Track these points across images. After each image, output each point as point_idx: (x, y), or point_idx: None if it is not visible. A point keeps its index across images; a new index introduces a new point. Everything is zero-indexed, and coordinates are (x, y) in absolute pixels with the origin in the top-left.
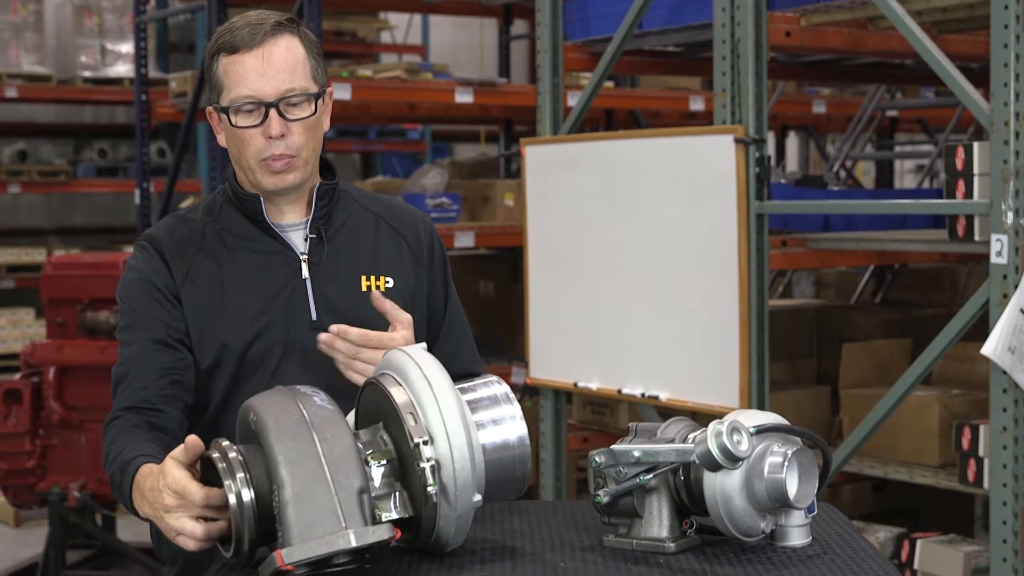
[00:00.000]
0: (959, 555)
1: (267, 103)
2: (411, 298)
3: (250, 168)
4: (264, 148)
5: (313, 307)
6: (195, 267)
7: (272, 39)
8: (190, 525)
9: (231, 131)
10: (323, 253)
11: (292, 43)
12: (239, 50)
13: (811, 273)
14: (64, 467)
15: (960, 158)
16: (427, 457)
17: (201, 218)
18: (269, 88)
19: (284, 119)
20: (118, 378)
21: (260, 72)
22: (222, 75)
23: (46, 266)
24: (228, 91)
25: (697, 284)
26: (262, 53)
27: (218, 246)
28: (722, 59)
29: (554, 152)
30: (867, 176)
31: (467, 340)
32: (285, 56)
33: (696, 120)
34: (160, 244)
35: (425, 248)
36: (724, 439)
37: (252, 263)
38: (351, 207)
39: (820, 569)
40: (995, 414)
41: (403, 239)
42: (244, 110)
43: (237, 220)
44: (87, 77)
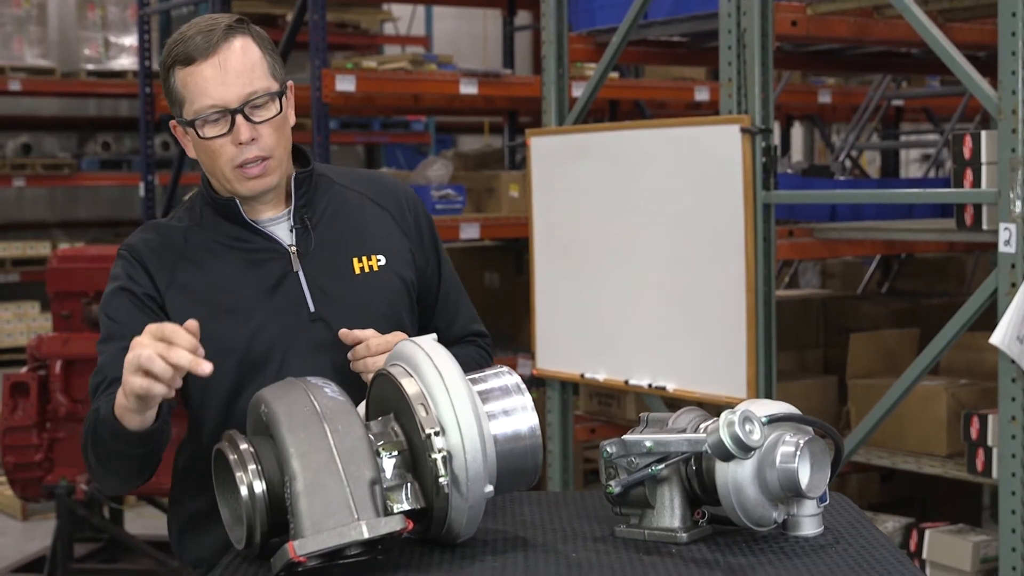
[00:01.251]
0: (968, 545)
1: (232, 110)
2: (404, 271)
3: (225, 177)
4: (236, 155)
5: (310, 299)
6: (180, 273)
7: (225, 44)
8: (148, 352)
9: (200, 143)
10: (310, 242)
11: (246, 44)
12: (194, 60)
13: (818, 263)
14: (71, 460)
15: (968, 147)
16: (439, 448)
17: (182, 223)
18: (231, 95)
19: (251, 123)
20: (93, 388)
21: (219, 80)
22: (181, 88)
23: (51, 259)
24: (191, 103)
25: (704, 274)
26: (218, 60)
27: (202, 250)
28: (727, 49)
29: (559, 143)
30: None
31: (464, 302)
32: (242, 59)
33: (701, 110)
34: (140, 254)
35: (411, 218)
36: (736, 429)
37: (240, 263)
38: (332, 190)
39: (832, 558)
40: (1003, 403)
41: (388, 213)
42: (210, 120)
43: (218, 222)
44: (91, 70)
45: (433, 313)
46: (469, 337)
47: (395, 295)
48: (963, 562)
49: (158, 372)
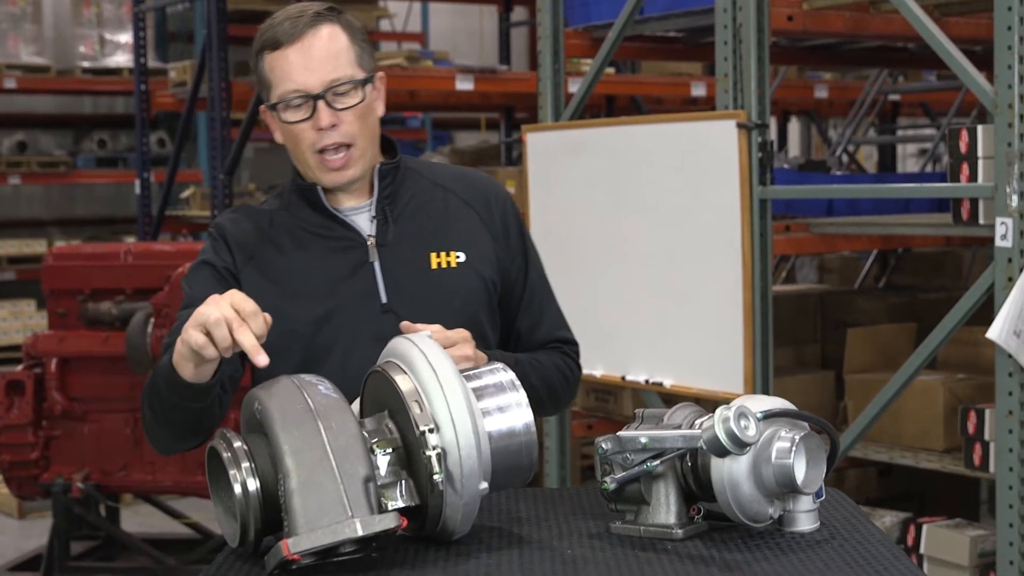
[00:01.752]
0: (965, 539)
1: (314, 95)
2: (485, 270)
3: (308, 164)
4: (317, 140)
5: (383, 290)
6: (259, 253)
7: (312, 30)
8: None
9: (284, 128)
10: (389, 233)
11: (334, 32)
12: (281, 45)
13: (815, 258)
14: (67, 458)
15: (964, 141)
16: (433, 445)
17: (270, 207)
18: (314, 80)
19: (333, 109)
20: (164, 348)
21: (303, 65)
22: (268, 72)
23: (47, 257)
24: (276, 87)
25: (700, 270)
26: (303, 45)
27: (284, 234)
28: (724, 44)
29: (556, 139)
30: (869, 161)
31: (551, 307)
32: (327, 46)
33: (698, 106)
34: (225, 231)
35: (497, 218)
36: (732, 425)
37: (318, 249)
38: (419, 183)
39: (828, 554)
40: (1000, 398)
41: (475, 211)
42: (292, 105)
43: (302, 208)
44: (86, 67)
45: (516, 315)
46: (554, 343)
47: (471, 293)
48: (961, 556)
49: (217, 338)
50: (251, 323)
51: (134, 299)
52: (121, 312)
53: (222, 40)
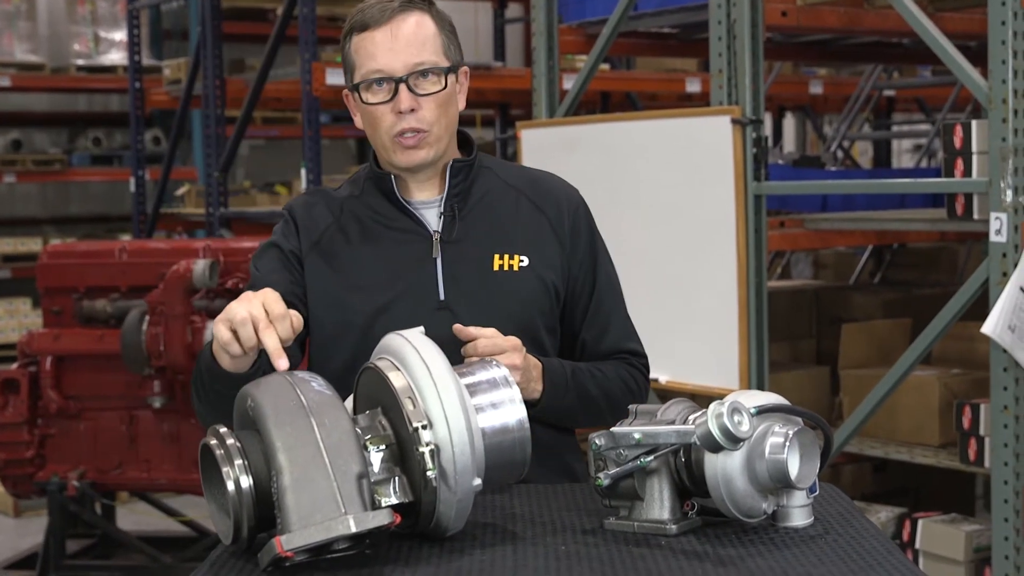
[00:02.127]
0: (961, 534)
1: (396, 78)
2: (548, 276)
3: (384, 146)
4: (395, 123)
5: (442, 286)
6: (326, 239)
7: (401, 15)
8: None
9: (363, 109)
10: (455, 231)
11: (422, 19)
12: (369, 27)
13: (810, 254)
14: (63, 456)
15: (958, 136)
16: (426, 441)
17: (343, 192)
18: (398, 63)
19: (414, 94)
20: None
21: (389, 47)
22: (353, 54)
23: (42, 255)
24: (359, 68)
25: (695, 266)
26: (391, 28)
27: (353, 221)
28: (718, 40)
29: (550, 135)
30: (864, 156)
31: (620, 317)
32: (415, 31)
33: (693, 102)
34: (295, 213)
35: (567, 225)
36: (725, 420)
37: (384, 240)
38: (492, 183)
39: (823, 549)
40: (995, 393)
41: (545, 216)
42: (374, 86)
43: (375, 196)
44: (81, 65)
45: (582, 324)
46: (621, 355)
47: (531, 298)
48: (956, 551)
49: (243, 337)
50: (278, 325)
51: (129, 297)
52: (116, 310)
53: (216, 37)
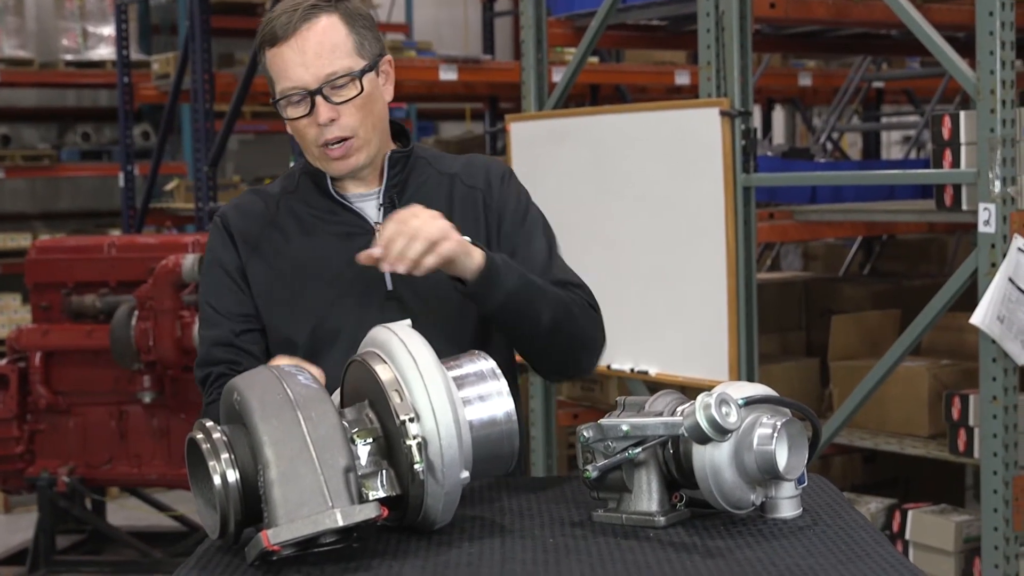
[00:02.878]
0: (950, 525)
1: (311, 91)
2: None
3: (314, 156)
4: (319, 135)
5: (388, 277)
6: (264, 240)
7: (305, 24)
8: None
9: (288, 123)
10: None
11: (330, 22)
12: (278, 41)
13: (799, 246)
14: (53, 452)
15: (947, 127)
16: (413, 434)
17: (277, 189)
18: (309, 76)
19: (331, 103)
20: (201, 380)
21: (298, 61)
22: (269, 69)
23: (30, 251)
24: (276, 84)
25: (685, 258)
26: (298, 40)
27: (291, 218)
28: (706, 32)
29: (539, 128)
30: (854, 148)
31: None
32: (321, 40)
33: (682, 94)
34: (228, 221)
35: (496, 192)
36: (712, 411)
37: (325, 235)
38: (427, 173)
39: (811, 540)
40: (985, 383)
41: (478, 191)
42: (292, 101)
43: (311, 192)
44: (69, 60)
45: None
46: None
47: None
48: (946, 542)
49: None
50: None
51: (118, 292)
52: (105, 305)
53: (205, 32)
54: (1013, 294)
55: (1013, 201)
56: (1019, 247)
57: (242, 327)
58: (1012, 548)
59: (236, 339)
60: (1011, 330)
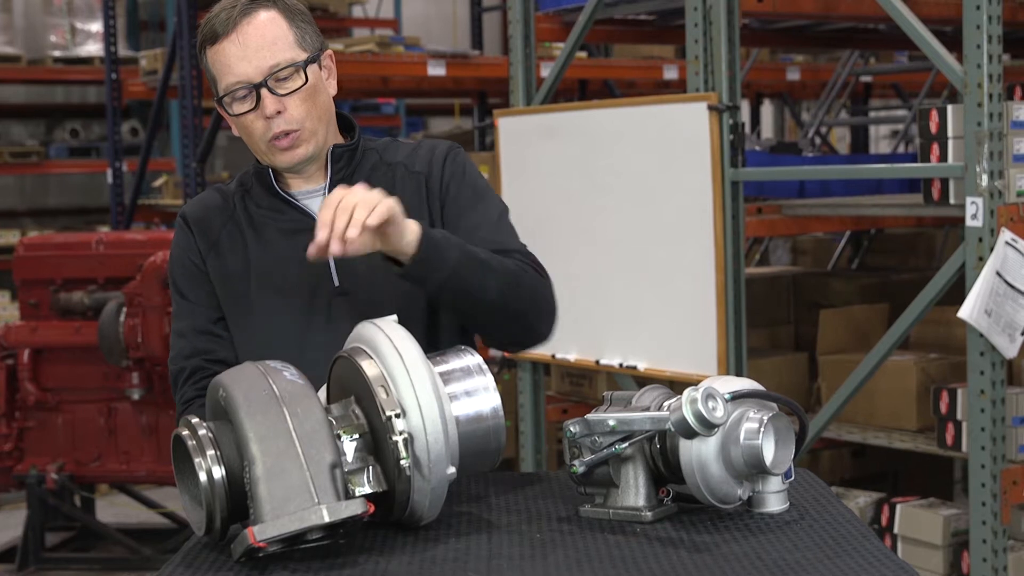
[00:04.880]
0: (939, 518)
1: (255, 84)
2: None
3: (261, 152)
4: (266, 129)
5: (334, 272)
6: (222, 238)
7: (245, 19)
8: None
9: (234, 120)
10: None
11: (270, 16)
12: (219, 38)
13: (788, 240)
14: (41, 449)
15: (934, 121)
16: (399, 430)
17: (233, 189)
18: (252, 69)
19: (276, 95)
20: (174, 376)
21: (240, 55)
22: (211, 67)
23: (18, 247)
24: (220, 81)
25: (673, 253)
26: (238, 35)
27: (244, 217)
28: (694, 26)
29: (527, 123)
30: (842, 142)
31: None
32: (262, 32)
33: (671, 89)
34: (188, 218)
35: (438, 172)
36: (699, 406)
37: (273, 233)
38: (373, 164)
39: (798, 535)
40: (972, 377)
41: (423, 178)
42: (237, 97)
43: (259, 191)
44: (57, 57)
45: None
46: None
47: None
48: (935, 536)
49: None
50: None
51: (106, 288)
52: (93, 302)
53: (193, 28)
54: (1000, 288)
55: (1000, 195)
56: (1006, 241)
57: (217, 315)
58: (1000, 541)
59: (212, 326)
60: (999, 324)
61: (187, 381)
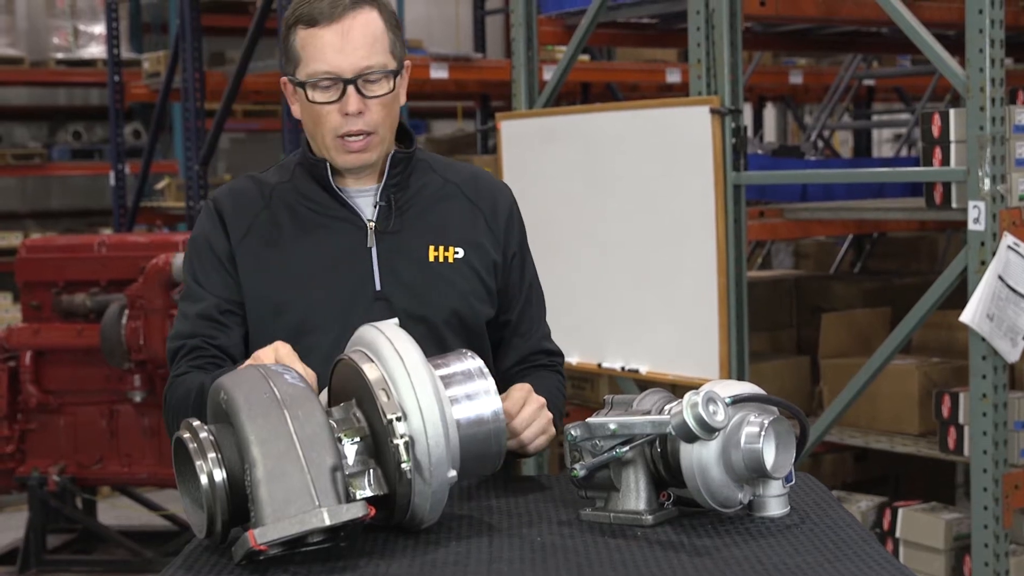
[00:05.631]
0: (941, 523)
1: (345, 80)
2: (481, 270)
3: (325, 145)
4: (341, 125)
5: (377, 277)
6: (256, 226)
7: (351, 13)
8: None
9: (307, 106)
10: (391, 221)
11: (372, 17)
12: (318, 23)
13: (790, 244)
14: (43, 451)
15: (936, 125)
16: (400, 433)
17: (273, 179)
18: (347, 65)
19: (362, 96)
20: (172, 353)
21: (339, 48)
22: (299, 48)
23: (20, 249)
24: (305, 65)
25: (675, 256)
26: (341, 28)
27: (284, 208)
28: (696, 30)
29: (530, 126)
30: (845, 146)
31: (541, 314)
32: (364, 32)
33: (673, 92)
34: (220, 204)
35: (502, 222)
36: (700, 410)
37: (317, 228)
38: (428, 176)
39: (799, 539)
40: (975, 381)
41: (480, 212)
42: (321, 86)
43: (306, 183)
44: (60, 59)
45: (511, 320)
46: (541, 353)
47: (467, 289)
48: (937, 540)
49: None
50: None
51: (108, 291)
52: (95, 304)
53: (196, 30)
54: (1003, 292)
55: (1003, 199)
56: (1008, 245)
57: (226, 307)
58: (1002, 545)
59: (219, 315)
60: (1001, 328)
61: (184, 357)
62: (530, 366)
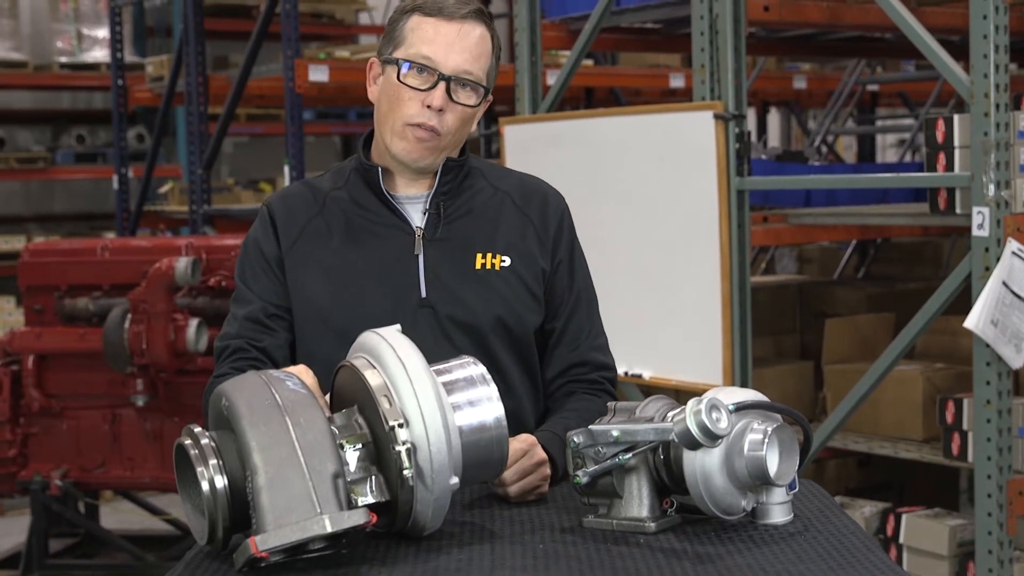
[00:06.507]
0: (944, 529)
1: (442, 73)
2: (529, 278)
3: (393, 129)
4: (417, 114)
5: (423, 284)
6: (308, 231)
7: (472, 22)
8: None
9: (391, 85)
10: (439, 229)
11: (486, 36)
12: (439, 15)
13: (794, 249)
14: (46, 455)
15: (941, 131)
16: (402, 440)
17: (327, 184)
18: (452, 62)
19: (449, 97)
20: (218, 352)
21: (450, 42)
22: (409, 31)
23: (23, 253)
24: (409, 46)
25: (679, 261)
26: (459, 28)
27: (336, 213)
28: (700, 35)
29: (533, 131)
30: (849, 151)
31: (593, 326)
32: (476, 42)
33: (677, 97)
34: (273, 209)
35: (552, 230)
36: (703, 417)
37: (366, 234)
38: (479, 184)
39: (802, 546)
40: (979, 387)
41: (530, 221)
42: (416, 69)
43: (359, 189)
44: (64, 63)
45: (559, 330)
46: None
47: (513, 297)
48: (940, 546)
49: None
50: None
51: (111, 295)
52: (98, 308)
53: (199, 34)
54: (1007, 298)
55: (1007, 205)
56: (1013, 251)
57: (273, 311)
58: (1006, 552)
59: (265, 319)
60: (1005, 334)
61: (227, 359)
62: (573, 381)
